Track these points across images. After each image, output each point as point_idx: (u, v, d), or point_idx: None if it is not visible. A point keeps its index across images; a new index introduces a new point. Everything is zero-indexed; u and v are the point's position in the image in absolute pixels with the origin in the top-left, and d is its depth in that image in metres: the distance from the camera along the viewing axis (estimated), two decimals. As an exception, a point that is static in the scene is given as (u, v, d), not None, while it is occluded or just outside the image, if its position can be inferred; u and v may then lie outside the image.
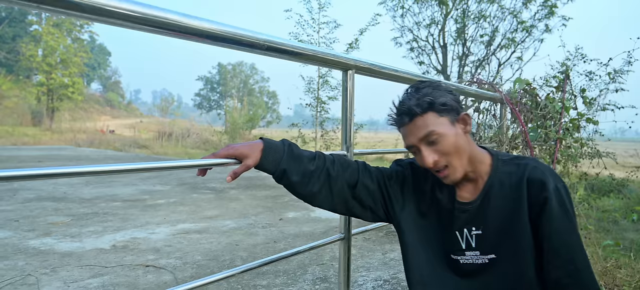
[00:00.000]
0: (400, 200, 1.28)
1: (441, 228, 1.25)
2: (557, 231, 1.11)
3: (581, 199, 7.29)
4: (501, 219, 1.17)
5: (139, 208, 3.99)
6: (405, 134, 1.18)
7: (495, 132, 3.24)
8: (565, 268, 1.10)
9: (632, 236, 6.59)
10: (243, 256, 2.56)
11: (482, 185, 1.21)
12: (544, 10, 11.40)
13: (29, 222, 3.39)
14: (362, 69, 1.63)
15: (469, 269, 1.20)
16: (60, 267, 2.32)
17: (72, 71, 35.42)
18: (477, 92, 2.91)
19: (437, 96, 1.14)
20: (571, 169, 4.21)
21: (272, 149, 1.17)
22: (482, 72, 12.49)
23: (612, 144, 10.77)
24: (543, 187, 1.12)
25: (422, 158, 1.15)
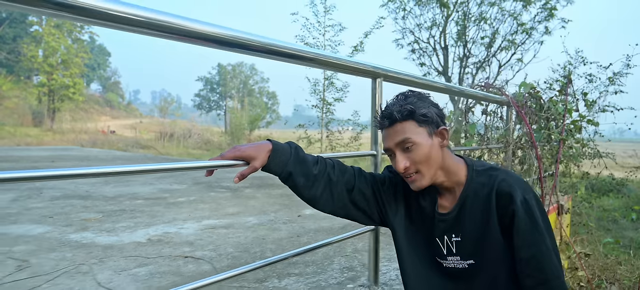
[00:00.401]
0: (394, 206, 1.34)
1: (425, 234, 1.31)
2: (525, 243, 1.15)
3: (582, 198, 7.52)
4: (476, 228, 1.22)
5: (163, 205, 4.17)
6: (384, 137, 1.24)
7: (502, 133, 3.41)
8: (536, 277, 1.15)
9: (632, 234, 6.77)
10: (272, 248, 2.75)
11: (458, 196, 1.26)
12: (543, 13, 11.56)
13: (63, 218, 3.56)
14: (389, 77, 1.77)
15: (452, 272, 1.26)
16: (106, 258, 2.50)
17: (73, 72, 35.45)
18: (485, 96, 3.11)
19: (419, 106, 1.19)
20: (573, 169, 4.41)
21: (280, 151, 1.21)
22: (482, 74, 12.64)
23: (611, 145, 10.97)
24: (510, 200, 1.16)
25: (395, 162, 1.21)
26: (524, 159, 3.39)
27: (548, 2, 11.42)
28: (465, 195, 1.23)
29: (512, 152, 3.31)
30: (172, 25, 1.03)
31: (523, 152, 3.37)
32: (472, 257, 1.22)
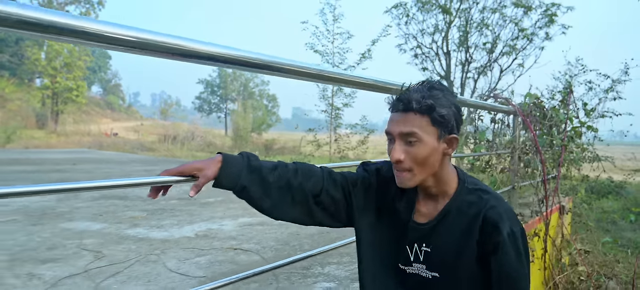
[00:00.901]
0: (361, 205, 1.26)
1: (394, 239, 1.23)
2: (507, 276, 1.10)
3: (582, 200, 7.91)
4: (451, 244, 1.15)
5: (196, 205, 4.52)
6: (392, 120, 1.13)
7: (509, 139, 3.76)
8: None
9: (630, 235, 7.07)
10: (307, 242, 3.10)
11: (440, 208, 1.18)
12: (544, 19, 11.80)
13: (112, 216, 3.91)
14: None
15: (413, 280, 1.19)
16: (167, 250, 2.84)
17: (76, 75, 35.67)
18: (493, 106, 3.47)
19: (441, 105, 1.08)
20: (573, 172, 4.76)
21: (230, 163, 1.11)
22: (484, 78, 12.96)
23: (611, 148, 11.51)
24: (497, 230, 1.09)
25: (392, 150, 1.10)
26: (529, 163, 3.72)
27: (548, 9, 11.69)
28: (449, 208, 1.16)
29: (518, 157, 3.64)
30: (182, 48, 1.01)
31: (528, 157, 3.70)
32: (438, 270, 1.16)
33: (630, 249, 6.03)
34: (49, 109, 35.43)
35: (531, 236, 3.27)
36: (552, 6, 11.68)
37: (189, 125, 41.30)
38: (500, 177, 3.62)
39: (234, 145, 26.30)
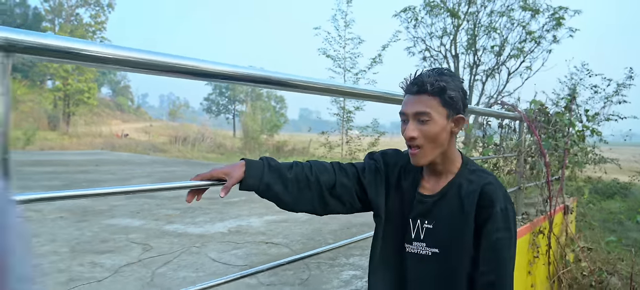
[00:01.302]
0: (374, 190, 1.34)
1: (400, 215, 1.32)
2: (493, 245, 1.19)
3: (587, 201, 8.13)
4: (451, 219, 1.24)
5: (220, 204, 4.85)
6: (406, 102, 1.23)
7: (516, 143, 4.02)
8: (488, 276, 1.20)
9: (636, 235, 7.22)
10: (330, 237, 3.40)
11: (444, 184, 1.28)
12: (551, 22, 11.89)
13: (149, 214, 4.23)
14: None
15: (413, 258, 1.28)
16: (205, 243, 3.15)
17: (87, 77, 36.06)
18: (500, 113, 3.75)
19: (452, 87, 1.19)
20: (577, 174, 5.01)
21: (253, 166, 1.23)
22: (492, 81, 13.12)
23: (619, 149, 11.71)
24: (492, 203, 1.20)
25: (407, 129, 1.21)
26: (534, 165, 3.97)
27: (556, 13, 11.78)
28: (452, 184, 1.26)
29: (524, 160, 3.89)
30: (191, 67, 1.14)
31: (533, 160, 3.95)
32: (438, 246, 1.26)
33: (635, 248, 6.19)
34: (60, 110, 35.81)
35: (536, 233, 3.53)
36: (560, 10, 11.75)
37: (198, 127, 41.56)
38: (507, 178, 3.88)
39: (244, 146, 26.49)
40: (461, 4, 12.92)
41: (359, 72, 10.26)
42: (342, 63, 9.87)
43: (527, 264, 3.41)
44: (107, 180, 6.60)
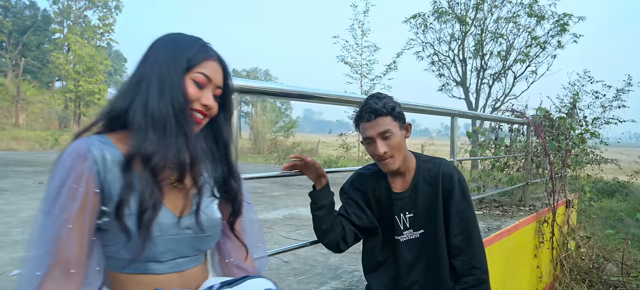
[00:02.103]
0: (365, 218, 1.60)
1: (385, 216, 1.58)
2: (458, 209, 1.51)
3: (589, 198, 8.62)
4: (426, 203, 1.53)
5: (267, 197, 5.33)
6: (366, 128, 1.47)
7: (524, 145, 4.55)
8: (462, 235, 1.51)
9: (634, 231, 7.67)
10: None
11: (410, 179, 1.56)
12: (556, 28, 12.33)
13: None
14: (462, 116, 2.99)
15: (407, 244, 1.55)
16: (271, 226, 3.63)
17: (98, 78, 36.41)
18: (510, 119, 4.29)
19: (395, 106, 1.47)
20: (580, 173, 5.51)
21: (329, 187, 1.58)
22: (498, 84, 13.52)
23: (626, 150, 12.17)
24: (451, 178, 1.52)
25: (376, 148, 1.46)
26: (540, 164, 4.51)
27: (560, 19, 12.13)
28: (416, 178, 1.55)
29: (531, 159, 4.43)
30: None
31: (539, 159, 4.49)
32: (423, 227, 1.54)
33: (633, 242, 6.68)
34: (71, 111, 36.10)
35: (541, 222, 4.06)
36: (564, 16, 12.12)
37: None
38: (516, 175, 4.42)
39: (253, 147, 26.64)
40: (469, 10, 13.27)
41: (375, 78, 10.76)
42: (358, 69, 10.40)
43: (533, 248, 3.94)
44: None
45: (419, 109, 2.56)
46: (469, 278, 1.50)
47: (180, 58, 0.95)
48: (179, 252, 0.97)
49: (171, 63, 0.94)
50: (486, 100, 13.61)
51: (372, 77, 10.55)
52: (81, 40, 37.08)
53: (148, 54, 0.98)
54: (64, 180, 0.84)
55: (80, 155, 0.86)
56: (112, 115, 0.94)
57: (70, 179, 0.84)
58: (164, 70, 0.93)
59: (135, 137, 0.89)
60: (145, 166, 0.89)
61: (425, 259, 1.53)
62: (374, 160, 1.55)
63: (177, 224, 0.95)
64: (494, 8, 13.07)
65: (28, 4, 41.69)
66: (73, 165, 0.85)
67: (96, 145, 0.89)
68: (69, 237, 0.83)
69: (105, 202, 0.88)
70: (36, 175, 6.67)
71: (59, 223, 0.83)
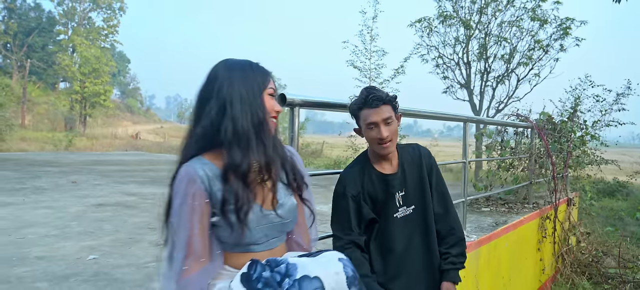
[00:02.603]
0: (366, 212, 1.71)
1: (384, 199, 1.72)
2: (437, 183, 1.78)
3: (590, 197, 8.91)
4: (414, 181, 1.74)
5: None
6: (371, 114, 1.61)
7: (528, 146, 4.87)
8: (441, 205, 1.77)
9: (634, 229, 7.99)
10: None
11: (396, 163, 1.74)
12: (559, 32, 12.57)
13: None
14: (473, 121, 3.32)
15: (403, 220, 1.72)
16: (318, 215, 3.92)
17: (103, 80, 36.52)
18: (516, 123, 4.62)
19: (395, 96, 1.66)
20: (582, 174, 5.82)
21: None
22: (502, 87, 13.77)
23: (629, 151, 12.41)
24: (430, 158, 1.79)
25: (379, 132, 1.61)
26: (542, 165, 4.83)
27: (563, 23, 12.39)
28: (402, 160, 1.75)
29: (534, 160, 4.74)
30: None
31: (542, 160, 4.80)
32: (414, 203, 1.74)
33: (632, 240, 6.99)
34: (77, 112, 36.24)
35: (544, 219, 4.39)
36: (567, 20, 12.37)
37: None
38: (520, 175, 4.74)
39: None
40: (473, 14, 13.52)
41: (384, 82, 11.07)
42: (367, 73, 10.73)
43: (536, 243, 4.27)
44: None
45: (434, 115, 2.88)
46: (451, 238, 1.76)
47: (253, 81, 1.25)
48: (270, 235, 1.29)
49: (248, 86, 1.23)
50: (490, 102, 13.84)
51: (380, 81, 10.86)
52: (87, 41, 37.30)
53: (220, 82, 1.23)
54: (184, 200, 1.15)
55: (191, 180, 1.16)
56: (206, 140, 1.22)
57: (188, 198, 1.15)
58: (243, 93, 1.21)
59: (228, 154, 1.19)
60: (236, 175, 1.19)
61: (419, 231, 1.74)
62: (373, 145, 1.69)
63: (267, 215, 1.27)
64: (498, 12, 13.30)
65: (33, 6, 41.78)
66: (187, 188, 1.16)
67: (199, 168, 1.18)
68: (195, 239, 1.15)
69: (214, 206, 1.19)
70: (66, 175, 7.01)
71: (187, 231, 1.14)
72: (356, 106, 1.67)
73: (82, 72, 35.00)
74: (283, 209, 1.30)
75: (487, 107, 13.80)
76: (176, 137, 42.57)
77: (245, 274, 1.17)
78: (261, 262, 1.17)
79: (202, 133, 1.21)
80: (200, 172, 1.17)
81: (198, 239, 1.15)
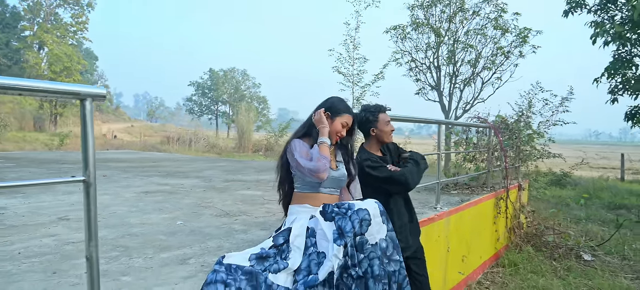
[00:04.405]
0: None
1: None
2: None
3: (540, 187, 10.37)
4: (392, 160, 2.81)
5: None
6: (386, 116, 2.71)
7: (487, 142, 6.08)
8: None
9: (576, 213, 9.38)
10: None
11: (378, 150, 2.78)
12: (518, 40, 14.02)
13: (263, 186, 5.99)
14: (444, 123, 4.47)
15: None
16: None
17: (75, 78, 36.14)
18: (477, 124, 5.81)
19: None
20: (530, 167, 7.11)
21: None
22: (468, 89, 15.18)
23: (584, 147, 13.95)
24: (390, 145, 2.91)
25: (391, 127, 2.72)
26: (498, 157, 6.07)
27: (521, 32, 13.93)
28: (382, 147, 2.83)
29: (492, 153, 5.95)
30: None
31: (497, 153, 6.03)
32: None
33: (573, 221, 8.36)
34: (47, 112, 35.69)
35: (498, 199, 5.58)
36: (525, 30, 13.90)
37: (180, 128, 41.42)
38: (481, 165, 5.95)
39: (238, 146, 27.47)
40: (443, 22, 14.88)
41: (365, 86, 12.24)
42: (351, 78, 11.88)
43: (493, 218, 5.46)
44: (190, 175, 8.04)
45: (416, 120, 3.98)
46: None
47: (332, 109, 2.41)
48: (333, 185, 2.38)
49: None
50: (458, 102, 15.21)
51: (362, 85, 12.03)
52: (57, 39, 36.86)
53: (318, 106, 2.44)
54: (300, 150, 2.25)
55: (301, 143, 2.29)
56: (303, 132, 2.38)
57: (301, 149, 2.26)
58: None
59: (313, 139, 2.33)
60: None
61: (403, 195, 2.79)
62: (388, 137, 2.75)
63: (332, 172, 2.36)
64: (465, 21, 14.68)
65: (-4, 0, 40.70)
66: (301, 146, 2.28)
67: (301, 142, 2.31)
68: (305, 157, 2.27)
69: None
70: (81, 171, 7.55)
71: (304, 158, 2.24)
72: (375, 110, 2.75)
73: (53, 71, 34.55)
74: (339, 172, 2.38)
75: (456, 107, 15.19)
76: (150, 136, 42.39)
77: (322, 210, 2.22)
78: (330, 204, 2.23)
79: (304, 129, 2.42)
80: (304, 143, 2.34)
81: (306, 157, 2.25)
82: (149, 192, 4.92)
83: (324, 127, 2.34)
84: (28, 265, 2.20)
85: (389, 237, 2.14)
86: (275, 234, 2.22)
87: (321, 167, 2.20)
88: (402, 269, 2.13)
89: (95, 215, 1.44)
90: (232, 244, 2.67)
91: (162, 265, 2.24)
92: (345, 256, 2.02)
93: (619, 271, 5.03)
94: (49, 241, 2.66)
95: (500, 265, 5.23)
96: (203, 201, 4.34)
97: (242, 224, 3.32)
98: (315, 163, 2.20)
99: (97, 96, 1.44)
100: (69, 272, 2.10)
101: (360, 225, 2.04)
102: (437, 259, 3.74)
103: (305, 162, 2.22)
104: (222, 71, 62.45)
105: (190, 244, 2.66)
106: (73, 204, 3.97)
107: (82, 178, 1.42)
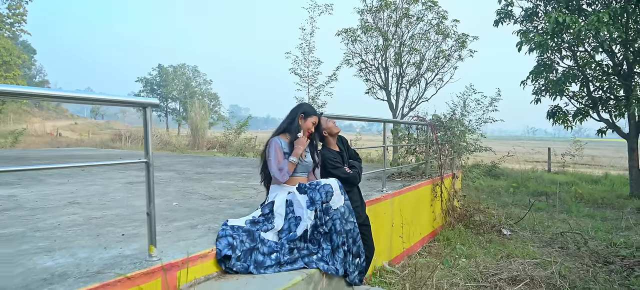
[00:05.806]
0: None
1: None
2: (355, 155, 3.84)
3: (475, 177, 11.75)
4: (346, 154, 3.74)
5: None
6: (313, 119, 3.36)
7: (425, 138, 7.14)
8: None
9: (505, 200, 10.77)
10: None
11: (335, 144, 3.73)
12: (457, 44, 15.56)
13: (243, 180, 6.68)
14: (389, 121, 5.44)
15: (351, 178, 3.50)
16: None
17: (15, 73, 34.56)
18: (416, 122, 6.85)
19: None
20: (464, 160, 8.28)
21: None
22: (413, 89, 16.43)
23: (522, 142, 15.67)
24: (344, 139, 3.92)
25: (335, 126, 3.70)
26: (436, 151, 7.14)
27: (460, 38, 15.39)
28: (339, 141, 3.74)
29: (429, 147, 7.01)
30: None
31: (434, 147, 7.11)
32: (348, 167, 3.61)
33: (502, 206, 9.66)
34: None
35: (435, 185, 6.64)
36: (463, 36, 15.31)
37: (125, 125, 40.63)
38: (420, 157, 6.99)
39: (192, 143, 27.49)
40: (390, 26, 16.01)
41: (319, 86, 13.12)
42: (307, 79, 12.73)
43: (430, 201, 6.50)
44: (188, 171, 8.45)
45: (362, 118, 4.90)
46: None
47: (298, 111, 3.26)
48: (303, 170, 3.23)
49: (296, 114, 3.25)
50: (404, 101, 16.42)
51: (317, 86, 12.90)
52: (-5, 33, 35.03)
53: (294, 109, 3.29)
54: (275, 153, 3.08)
55: (276, 144, 3.11)
56: (281, 129, 3.22)
57: (277, 153, 3.09)
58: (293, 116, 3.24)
59: (291, 137, 3.17)
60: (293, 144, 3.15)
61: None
62: (333, 134, 3.64)
63: (302, 160, 3.21)
64: (410, 26, 15.91)
65: None
66: (276, 149, 3.09)
67: (279, 140, 3.14)
68: (282, 167, 3.07)
69: (286, 155, 3.12)
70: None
71: (275, 165, 3.07)
72: (307, 113, 3.45)
73: (-11, 67, 32.83)
74: (308, 160, 3.25)
75: (402, 106, 16.42)
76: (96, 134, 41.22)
77: (297, 187, 3.07)
78: (303, 183, 3.09)
79: (283, 127, 3.21)
80: (279, 142, 3.10)
81: (283, 168, 3.04)
82: (133, 182, 5.50)
83: (298, 148, 3.14)
84: (72, 232, 2.87)
85: (346, 205, 3.03)
86: (262, 206, 3.09)
87: (281, 178, 3.08)
88: (355, 228, 3.02)
89: (153, 184, 2.24)
90: (225, 216, 3.43)
91: (177, 230, 2.98)
92: (316, 218, 2.89)
93: (529, 241, 6.21)
94: (75, 217, 3.30)
95: (436, 240, 6.28)
96: (185, 189, 5.03)
97: (227, 204, 4.07)
98: (279, 173, 3.07)
99: (154, 105, 2.28)
100: (108, 235, 2.79)
101: (326, 196, 2.91)
102: (382, 232, 4.66)
103: (274, 169, 3.09)
104: (172, 67, 61.42)
105: (192, 217, 3.40)
106: (72, 192, 4.54)
107: (145, 160, 2.23)
